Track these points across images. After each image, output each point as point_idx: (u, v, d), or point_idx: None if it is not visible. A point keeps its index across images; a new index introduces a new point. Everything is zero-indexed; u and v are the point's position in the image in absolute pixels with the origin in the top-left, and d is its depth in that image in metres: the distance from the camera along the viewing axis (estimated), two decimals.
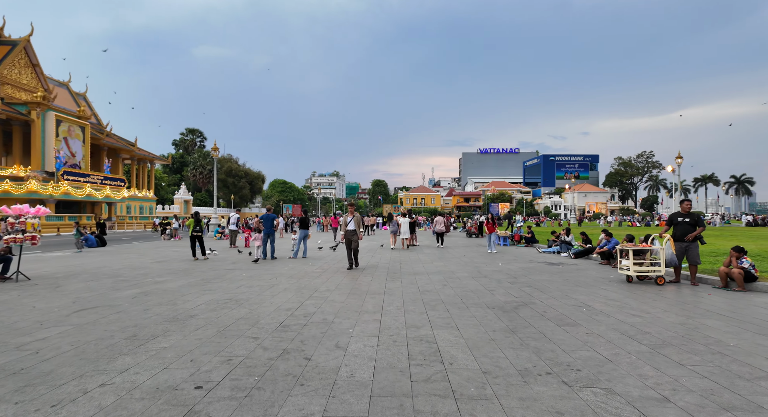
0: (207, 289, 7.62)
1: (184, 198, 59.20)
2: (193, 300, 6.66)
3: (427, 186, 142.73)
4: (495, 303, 6.08)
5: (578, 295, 6.69)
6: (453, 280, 8.31)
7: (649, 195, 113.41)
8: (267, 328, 4.90)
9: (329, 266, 10.91)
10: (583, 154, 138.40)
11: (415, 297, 6.61)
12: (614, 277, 8.54)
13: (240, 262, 12.25)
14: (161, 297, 6.91)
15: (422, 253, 14.59)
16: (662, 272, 7.40)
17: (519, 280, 8.33)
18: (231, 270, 10.37)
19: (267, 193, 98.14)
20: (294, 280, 8.55)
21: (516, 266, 10.66)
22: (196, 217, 12.99)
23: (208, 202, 72.41)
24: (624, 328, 4.62)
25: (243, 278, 8.98)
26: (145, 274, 9.72)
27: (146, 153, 50.10)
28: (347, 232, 10.14)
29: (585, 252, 12.43)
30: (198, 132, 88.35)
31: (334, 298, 6.59)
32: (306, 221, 13.85)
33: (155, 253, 15.24)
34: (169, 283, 8.48)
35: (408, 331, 4.61)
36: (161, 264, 11.83)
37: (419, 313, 5.47)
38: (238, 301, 6.56)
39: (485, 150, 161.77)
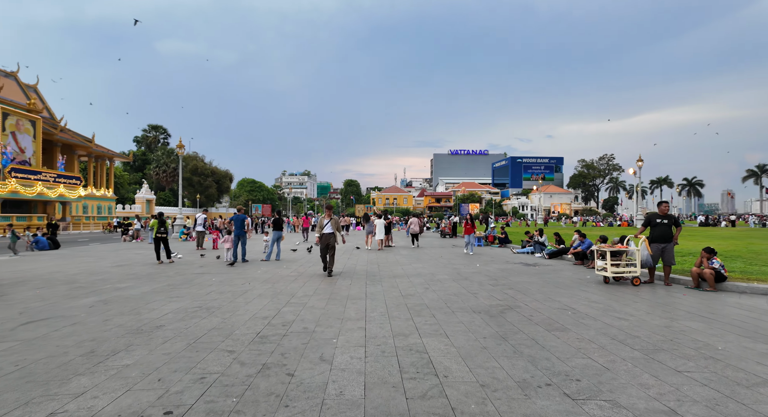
0: (174, 296, 7.10)
1: (147, 197, 56.47)
2: (160, 308, 6.16)
3: (399, 186, 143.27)
4: (480, 307, 5.95)
5: (560, 297, 6.67)
6: (434, 283, 8.15)
7: (610, 196, 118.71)
8: (243, 339, 4.54)
9: (305, 269, 10.53)
10: (549, 157, 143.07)
11: (398, 302, 6.39)
12: (591, 278, 8.66)
13: (209, 265, 11.64)
14: (123, 305, 6.35)
15: (399, 255, 14.42)
16: (638, 273, 7.54)
17: (500, 282, 8.29)
18: (199, 274, 9.80)
19: (235, 192, 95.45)
20: (269, 285, 8.14)
21: (494, 267, 10.66)
22: (161, 217, 12.25)
23: (172, 202, 69.50)
24: (613, 332, 4.58)
25: (213, 283, 8.47)
26: (105, 280, 9.02)
27: (105, 150, 47.41)
28: (324, 236, 9.40)
29: (559, 252, 12.64)
30: (161, 128, 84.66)
31: (314, 304, 6.27)
32: (280, 222, 13.40)
33: (115, 256, 14.30)
34: (131, 289, 7.87)
35: (396, 340, 4.37)
36: (122, 268, 11.06)
37: (405, 320, 5.25)
38: (209, 309, 6.12)
39: (456, 151, 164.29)
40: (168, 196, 70.95)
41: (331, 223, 9.48)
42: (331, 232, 9.44)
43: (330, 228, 9.47)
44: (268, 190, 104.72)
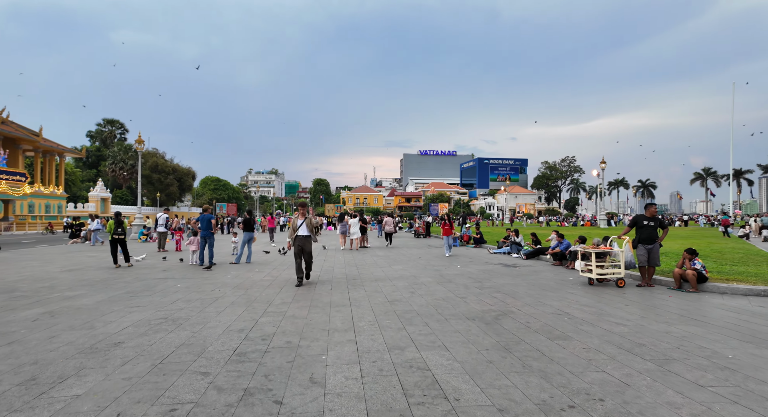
0: (134, 306, 6.37)
1: (101, 195, 53.05)
2: (118, 321, 5.46)
3: (369, 186, 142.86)
4: (472, 313, 5.66)
5: (550, 300, 6.51)
6: (419, 287, 7.82)
7: (571, 197, 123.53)
8: (218, 358, 3.99)
9: (279, 273, 9.92)
10: (514, 158, 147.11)
11: (385, 308, 5.99)
12: (574, 280, 8.61)
13: (172, 269, 10.78)
14: (73, 318, 5.60)
15: (376, 256, 14.02)
16: (622, 275, 7.52)
17: (485, 284, 8.06)
18: (162, 280, 9.00)
19: (198, 191, 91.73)
20: (241, 292, 7.52)
21: (475, 269, 10.48)
22: (118, 217, 11.25)
23: (130, 201, 65.77)
24: (616, 339, 4.39)
25: (179, 290, 7.75)
26: (52, 287, 8.08)
27: (54, 144, 44.07)
28: (298, 239, 8.10)
29: (536, 252, 12.66)
30: (118, 123, 80.00)
31: (294, 313, 5.77)
32: (251, 222, 12.64)
33: (65, 260, 13.06)
34: (83, 298, 7.04)
35: (392, 355, 3.98)
36: (73, 273, 10.02)
37: (397, 330, 4.86)
38: (176, 320, 5.48)
39: (425, 152, 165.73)
40: (125, 195, 67.09)
41: (305, 224, 8.24)
42: (306, 235, 8.19)
43: (304, 230, 8.22)
44: (233, 188, 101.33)
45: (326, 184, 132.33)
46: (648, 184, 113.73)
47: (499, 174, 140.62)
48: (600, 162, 36.45)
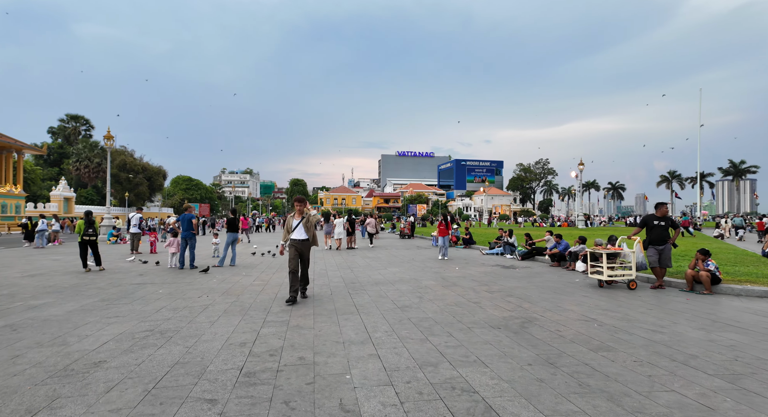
0: (113, 316, 5.63)
1: (65, 195, 50.08)
2: (95, 334, 4.74)
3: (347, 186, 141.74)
4: (494, 320, 5.24)
5: (568, 304, 6.18)
6: (425, 291, 7.35)
7: (545, 198, 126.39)
8: (223, 380, 3.40)
9: (270, 277, 9.25)
10: (490, 160, 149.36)
11: (398, 316, 5.50)
12: (581, 281, 8.36)
13: (149, 273, 9.92)
14: (41, 331, 4.83)
15: (367, 257, 13.48)
16: (634, 276, 7.30)
17: (492, 288, 7.69)
18: (140, 285, 8.19)
19: (169, 190, 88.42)
20: (232, 298, 6.85)
21: (474, 271, 10.12)
22: (88, 217, 10.28)
23: (95, 200, 62.54)
24: (663, 350, 4.05)
25: (161, 296, 7.00)
26: (12, 295, 7.17)
27: (11, 140, 41.18)
28: (293, 244, 6.54)
29: (531, 253, 12.45)
30: (83, 119, 76.01)
31: (299, 323, 5.19)
32: (235, 222, 11.83)
33: (26, 264, 11.90)
34: (51, 307, 6.21)
35: (426, 373, 3.49)
36: (36, 278, 9.04)
37: (420, 341, 4.38)
38: (164, 333, 4.81)
39: (403, 153, 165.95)
40: (91, 194, 63.74)
41: (303, 225, 6.61)
42: (304, 239, 6.56)
43: (302, 232, 6.59)
44: (206, 188, 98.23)
45: (303, 185, 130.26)
46: (618, 186, 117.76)
47: (476, 175, 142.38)
48: (578, 163, 37.15)
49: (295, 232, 6.61)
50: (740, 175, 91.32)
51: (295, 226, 6.64)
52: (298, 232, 6.61)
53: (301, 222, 6.65)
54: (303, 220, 6.66)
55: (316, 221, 6.91)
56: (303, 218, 6.68)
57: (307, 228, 6.64)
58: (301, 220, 6.66)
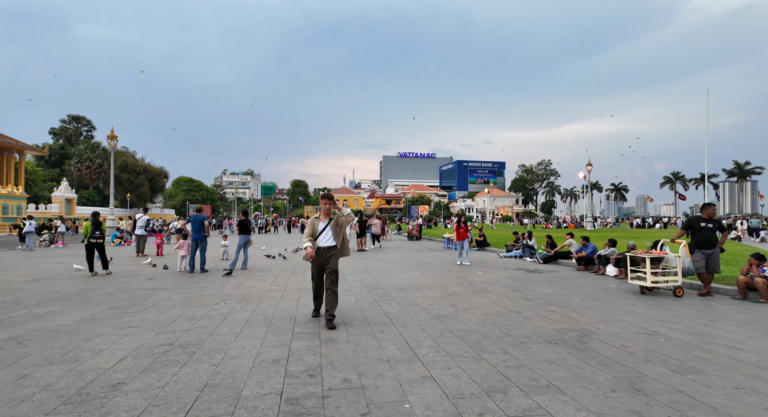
0: (126, 327, 5.18)
1: (66, 196, 49.62)
2: (109, 349, 4.29)
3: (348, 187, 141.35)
4: (545, 333, 4.78)
5: (617, 314, 5.72)
6: (456, 298, 6.90)
7: (547, 199, 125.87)
8: (263, 408, 2.95)
9: (286, 282, 8.80)
10: (492, 161, 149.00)
11: (437, 328, 5.04)
12: (617, 287, 7.90)
13: (159, 277, 9.47)
14: (49, 345, 4.38)
15: (380, 260, 13.02)
16: (680, 283, 6.84)
17: (527, 295, 7.23)
18: (151, 291, 7.74)
19: (170, 191, 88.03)
20: (252, 305, 6.40)
21: (499, 275, 9.66)
22: (95, 218, 9.84)
23: (97, 202, 62.10)
24: (759, 373, 3.55)
25: (175, 303, 6.55)
26: (16, 302, 6.73)
27: (12, 141, 40.77)
28: (319, 252, 5.29)
29: (554, 257, 11.98)
30: (84, 120, 75.55)
31: (332, 336, 4.73)
32: (247, 224, 11.34)
33: (29, 267, 11.45)
34: (58, 316, 5.77)
35: (497, 402, 3.03)
36: (41, 283, 8.59)
37: (474, 359, 3.92)
38: (185, 347, 4.36)
39: (404, 154, 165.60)
40: (92, 195, 63.32)
41: (331, 228, 5.34)
42: (331, 246, 5.29)
43: (329, 237, 5.32)
44: (207, 189, 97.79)
45: (305, 186, 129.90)
46: (620, 187, 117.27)
47: (478, 177, 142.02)
48: (586, 164, 36.71)
49: (322, 238, 5.31)
50: (744, 176, 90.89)
51: (322, 229, 5.33)
52: (326, 237, 5.32)
53: (329, 225, 5.35)
54: (331, 223, 5.36)
55: (349, 223, 5.47)
56: (331, 220, 5.37)
57: (336, 232, 5.32)
58: (329, 223, 5.36)
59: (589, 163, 36.57)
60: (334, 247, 5.33)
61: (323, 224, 5.40)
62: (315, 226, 5.44)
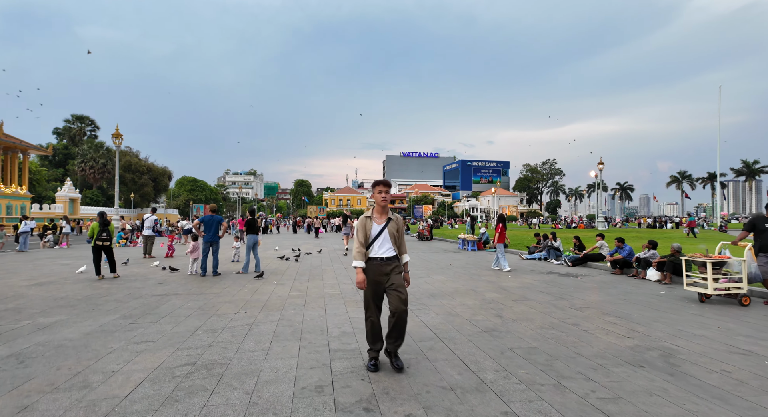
0: (140, 341, 4.62)
1: (70, 196, 49.23)
2: (123, 370, 3.73)
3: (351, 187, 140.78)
4: (621, 352, 4.18)
5: (692, 327, 5.11)
6: (498, 307, 6.30)
7: (552, 199, 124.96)
8: None
9: (305, 286, 8.21)
10: (496, 161, 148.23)
11: (493, 344, 4.45)
12: (667, 294, 7.27)
13: (169, 281, 8.91)
14: (55, 365, 3.82)
15: None
16: (746, 290, 6.22)
17: (574, 302, 6.62)
18: (163, 297, 7.18)
19: (174, 191, 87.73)
20: (275, 314, 5.83)
21: (532, 279, 9.05)
22: (103, 218, 9.29)
23: (101, 202, 61.77)
24: None
25: (191, 312, 5.98)
26: (18, 310, 6.18)
27: (16, 140, 40.38)
28: (373, 266, 3.70)
29: (584, 259, 11.36)
30: (88, 120, 75.28)
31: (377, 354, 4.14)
32: (254, 223, 10.74)
33: (33, 269, 10.92)
34: (64, 327, 5.21)
35: None
36: (45, 288, 8.05)
37: (555, 389, 3.32)
38: (210, 368, 3.79)
39: (407, 153, 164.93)
40: (96, 195, 62.98)
41: (388, 232, 3.74)
42: (391, 257, 3.73)
43: (388, 245, 3.74)
44: (210, 189, 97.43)
45: (308, 185, 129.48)
46: (626, 187, 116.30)
47: (482, 176, 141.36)
48: (598, 163, 36.00)
49: (377, 245, 3.69)
50: (753, 176, 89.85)
51: (377, 234, 3.69)
52: (382, 245, 3.70)
53: (387, 227, 3.72)
54: (390, 225, 3.74)
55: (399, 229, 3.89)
56: (390, 221, 3.76)
57: (395, 238, 3.76)
58: (387, 225, 3.73)
59: (601, 161, 35.83)
60: (395, 257, 3.72)
61: (378, 226, 3.73)
62: (368, 229, 3.73)
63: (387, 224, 3.76)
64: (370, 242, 3.73)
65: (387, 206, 3.81)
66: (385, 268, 3.70)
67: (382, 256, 3.70)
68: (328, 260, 13.22)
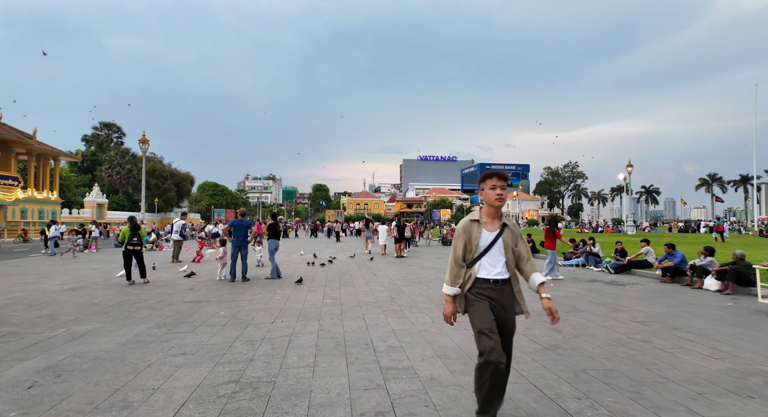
0: (178, 353, 4.36)
1: (98, 201, 50.59)
2: (164, 387, 3.45)
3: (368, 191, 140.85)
4: (715, 377, 3.68)
5: None
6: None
7: (574, 203, 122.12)
8: None
9: (339, 293, 7.90)
10: (516, 164, 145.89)
11: (562, 365, 4.01)
12: (735, 306, 6.66)
13: (199, 287, 8.74)
14: (93, 380, 3.57)
15: (426, 268, 12.00)
16: None
17: (634, 315, 6.09)
18: (196, 304, 6.97)
19: (196, 196, 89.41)
20: (313, 325, 5.51)
21: (577, 288, 8.52)
22: (133, 223, 9.20)
23: (126, 206, 63.34)
24: None
25: (226, 321, 5.73)
26: (52, 317, 6.04)
27: (48, 147, 41.75)
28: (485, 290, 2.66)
29: (627, 266, 10.71)
30: (115, 127, 77.56)
31: (434, 375, 3.76)
32: (276, 228, 10.42)
33: (64, 274, 10.95)
34: (99, 336, 5.02)
35: None
36: (77, 293, 7.97)
37: None
38: (256, 385, 3.49)
39: (425, 157, 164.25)
40: (122, 200, 64.65)
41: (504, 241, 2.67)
42: (505, 279, 2.67)
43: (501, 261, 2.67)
44: (231, 194, 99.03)
45: (326, 190, 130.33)
46: (651, 190, 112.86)
47: None
48: (627, 165, 34.85)
49: (487, 262, 2.66)
50: None
51: (489, 245, 2.66)
52: (495, 259, 2.66)
53: (500, 236, 2.67)
54: (505, 233, 2.69)
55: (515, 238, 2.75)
56: (504, 228, 2.70)
57: (513, 253, 2.70)
58: (501, 233, 2.68)
59: (630, 164, 34.69)
60: (508, 280, 2.68)
61: (490, 235, 2.65)
62: (473, 237, 2.67)
63: (501, 232, 2.65)
64: (476, 257, 2.66)
65: (501, 207, 2.69)
66: (497, 295, 2.62)
67: (495, 278, 2.62)
68: (355, 265, 12.91)
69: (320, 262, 13.28)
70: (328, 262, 13.52)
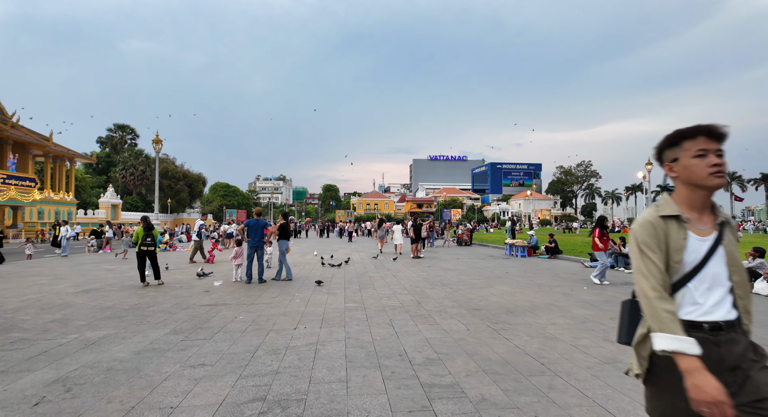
0: (198, 364, 4.00)
1: (112, 202, 51.09)
2: (183, 405, 3.09)
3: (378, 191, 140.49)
4: None
5: None
6: (597, 327, 5.36)
7: (587, 202, 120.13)
8: None
9: (361, 296, 7.51)
10: (528, 163, 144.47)
11: (625, 381, 3.55)
12: None
13: (215, 289, 8.42)
14: (105, 396, 3.22)
15: (447, 269, 11.54)
16: None
17: None
18: (213, 307, 6.64)
19: (208, 197, 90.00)
20: (339, 332, 5.12)
21: (613, 292, 8.01)
22: (147, 223, 8.93)
23: (140, 207, 63.96)
24: None
25: (246, 327, 5.37)
26: (65, 321, 5.76)
27: (64, 149, 42.23)
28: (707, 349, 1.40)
29: None
30: (129, 128, 78.55)
31: (485, 394, 3.34)
32: (287, 229, 10.04)
33: (78, 275, 10.75)
34: (113, 343, 4.70)
35: None
36: (91, 295, 7.71)
37: None
38: (285, 405, 3.10)
39: (435, 157, 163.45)
40: (135, 201, 65.29)
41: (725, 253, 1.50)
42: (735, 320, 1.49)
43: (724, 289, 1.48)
44: (243, 194, 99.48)
45: (336, 190, 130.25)
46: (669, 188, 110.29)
47: (513, 179, 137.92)
48: (646, 163, 33.92)
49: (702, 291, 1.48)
50: None
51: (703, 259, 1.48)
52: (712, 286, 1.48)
53: (721, 244, 1.51)
54: (723, 237, 1.52)
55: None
56: (724, 226, 1.54)
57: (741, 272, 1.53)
58: (721, 237, 1.51)
59: (649, 162, 33.71)
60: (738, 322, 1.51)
61: (703, 241, 1.51)
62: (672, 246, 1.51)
63: (721, 235, 1.53)
64: (677, 282, 1.51)
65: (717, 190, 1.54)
66: (730, 352, 1.45)
67: (719, 320, 1.47)
68: (372, 267, 12.52)
69: (336, 263, 12.92)
70: (345, 263, 13.15)
